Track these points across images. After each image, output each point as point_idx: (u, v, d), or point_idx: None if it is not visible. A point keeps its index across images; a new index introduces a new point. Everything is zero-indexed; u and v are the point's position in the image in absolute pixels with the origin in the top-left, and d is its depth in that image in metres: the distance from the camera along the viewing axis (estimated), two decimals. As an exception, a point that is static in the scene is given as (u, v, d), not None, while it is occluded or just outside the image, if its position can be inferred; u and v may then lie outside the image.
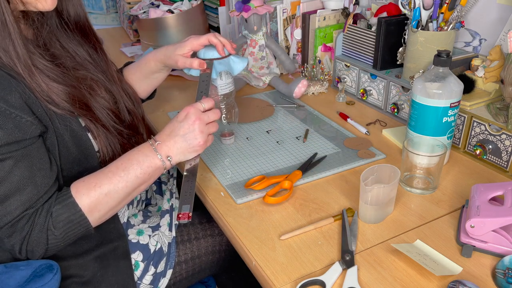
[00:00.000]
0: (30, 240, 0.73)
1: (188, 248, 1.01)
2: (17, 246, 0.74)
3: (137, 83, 1.08)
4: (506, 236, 0.73)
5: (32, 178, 0.73)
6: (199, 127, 0.81)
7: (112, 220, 0.87)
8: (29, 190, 0.73)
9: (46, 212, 0.74)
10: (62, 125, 0.78)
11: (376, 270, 0.73)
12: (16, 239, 0.73)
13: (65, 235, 0.76)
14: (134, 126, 0.95)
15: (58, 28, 0.87)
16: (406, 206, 0.88)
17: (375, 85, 1.25)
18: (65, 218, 0.75)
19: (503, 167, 0.96)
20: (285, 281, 0.71)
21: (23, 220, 0.73)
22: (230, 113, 1.09)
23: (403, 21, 1.19)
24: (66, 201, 0.75)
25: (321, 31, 1.45)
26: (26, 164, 0.73)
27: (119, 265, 0.89)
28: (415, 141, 0.93)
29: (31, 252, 0.75)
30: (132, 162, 0.79)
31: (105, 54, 0.96)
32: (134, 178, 0.79)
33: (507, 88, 0.95)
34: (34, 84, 0.74)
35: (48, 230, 0.74)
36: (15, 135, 0.70)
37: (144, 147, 0.82)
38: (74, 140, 0.80)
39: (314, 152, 1.06)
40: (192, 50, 1.01)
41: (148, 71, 1.07)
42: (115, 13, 2.28)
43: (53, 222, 0.74)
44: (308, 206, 0.89)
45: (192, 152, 0.83)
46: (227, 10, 1.66)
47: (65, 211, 0.75)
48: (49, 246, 0.75)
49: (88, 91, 0.84)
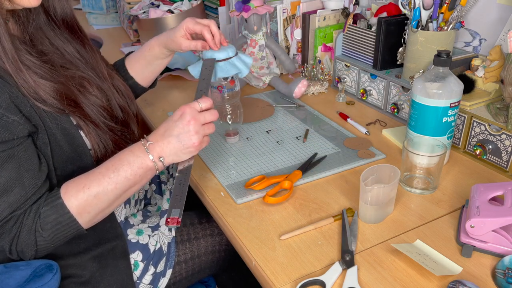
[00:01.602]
0: (19, 242, 0.73)
1: (187, 247, 1.01)
2: (6, 247, 0.74)
3: (141, 70, 1.09)
4: (506, 236, 0.73)
5: (20, 180, 0.72)
6: (194, 128, 0.78)
7: (108, 219, 0.87)
8: (16, 191, 0.71)
9: (34, 213, 0.73)
10: (53, 123, 0.77)
11: (376, 270, 0.73)
12: (5, 240, 0.73)
13: (54, 236, 0.74)
14: (127, 123, 0.94)
15: (46, 25, 0.86)
16: (406, 206, 0.88)
17: (375, 85, 1.25)
18: (53, 220, 0.74)
19: (503, 167, 0.96)
20: (285, 281, 0.71)
21: (11, 221, 0.72)
22: (235, 114, 1.09)
23: (403, 21, 1.19)
24: (54, 202, 0.74)
25: (321, 31, 1.45)
26: (13, 165, 0.71)
27: (117, 265, 0.89)
28: (415, 141, 0.93)
29: (21, 252, 0.74)
30: (123, 163, 0.77)
31: (94, 51, 0.95)
32: (124, 179, 0.77)
33: (507, 88, 0.95)
34: (21, 81, 0.73)
35: (36, 231, 0.73)
36: (1, 136, 0.69)
37: (136, 148, 0.79)
38: (66, 138, 0.79)
39: (314, 152, 1.06)
40: (187, 32, 1.01)
41: (153, 57, 1.07)
42: (115, 13, 2.28)
43: (41, 224, 0.73)
44: (308, 206, 0.89)
45: (186, 153, 0.79)
46: (227, 10, 1.66)
47: (53, 212, 0.74)
48: (38, 247, 0.74)
49: (77, 88, 0.83)
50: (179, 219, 0.74)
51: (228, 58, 1.00)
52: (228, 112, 1.08)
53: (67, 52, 0.88)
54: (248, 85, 1.47)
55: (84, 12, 2.30)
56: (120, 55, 1.83)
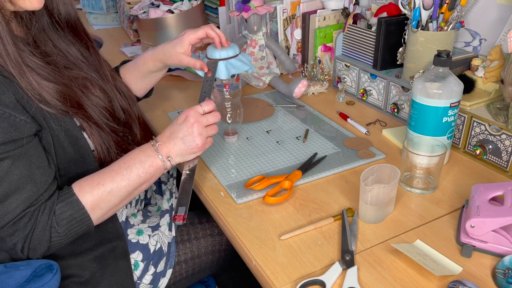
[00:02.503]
0: (33, 238, 0.74)
1: (188, 247, 1.01)
2: (19, 245, 0.74)
3: (135, 82, 1.08)
4: (506, 236, 0.73)
5: (31, 176, 0.73)
6: (197, 130, 0.83)
7: (110, 219, 0.87)
8: (28, 188, 0.73)
9: (49, 210, 0.75)
10: (56, 125, 0.78)
11: (376, 270, 0.73)
12: (19, 237, 0.73)
13: (68, 232, 0.76)
14: (129, 124, 0.95)
15: (50, 27, 0.87)
16: (406, 206, 0.88)
17: (375, 85, 1.25)
18: (68, 216, 0.75)
19: (503, 167, 0.96)
20: (285, 281, 0.71)
21: (25, 218, 0.73)
22: (235, 113, 1.09)
23: (403, 21, 1.19)
24: (69, 199, 0.76)
25: (321, 31, 1.45)
26: (24, 162, 0.73)
27: (118, 265, 0.89)
28: (415, 141, 0.93)
29: (33, 250, 0.75)
30: (135, 161, 0.81)
31: (97, 53, 0.95)
32: (136, 177, 0.80)
33: (507, 88, 0.95)
34: (25, 83, 0.74)
35: (51, 227, 0.74)
36: (11, 134, 0.71)
37: (146, 147, 0.84)
38: (69, 139, 0.80)
39: (314, 152, 1.06)
40: (191, 44, 1.01)
41: (146, 71, 1.07)
42: (115, 13, 2.28)
43: (57, 220, 0.75)
44: (308, 206, 0.89)
45: (191, 153, 0.85)
46: (227, 10, 1.66)
47: (68, 208, 0.76)
48: (52, 243, 0.75)
49: (81, 89, 0.84)
50: (185, 216, 0.80)
51: (235, 56, 1.01)
52: (228, 112, 1.08)
53: (70, 54, 0.89)
54: (248, 85, 1.47)
55: (84, 12, 2.30)
56: (120, 55, 1.84)
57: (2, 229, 0.73)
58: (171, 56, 1.01)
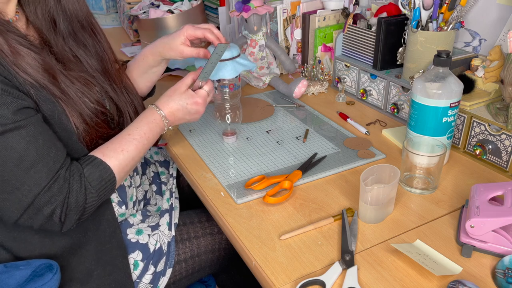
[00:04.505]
0: (70, 201, 0.75)
1: (187, 247, 1.01)
2: (58, 210, 0.74)
3: (137, 80, 1.08)
4: (506, 236, 0.73)
5: (53, 141, 0.76)
6: (202, 110, 0.97)
7: (107, 219, 0.88)
8: (54, 152, 0.75)
9: (79, 174, 0.77)
10: (44, 107, 0.78)
11: (376, 270, 0.73)
12: (57, 202, 0.74)
13: (99, 193, 0.79)
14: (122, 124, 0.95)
15: (69, 36, 0.91)
16: (406, 206, 0.88)
17: (375, 85, 1.25)
18: (98, 177, 0.79)
19: (503, 167, 0.96)
20: (285, 281, 0.71)
21: (59, 181, 0.74)
22: (234, 113, 1.09)
23: (403, 21, 1.19)
24: (94, 162, 0.80)
25: (321, 31, 1.45)
26: (44, 128, 0.75)
27: (116, 264, 0.89)
28: (415, 141, 0.93)
29: (70, 215, 0.76)
30: (154, 134, 0.90)
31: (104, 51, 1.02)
32: (148, 145, 0.89)
33: (507, 88, 0.95)
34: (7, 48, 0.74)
35: (86, 189, 0.77)
36: (20, 103, 0.72)
37: (159, 120, 0.91)
38: (52, 117, 0.79)
39: (314, 152, 1.06)
40: (187, 39, 1.00)
41: (146, 66, 1.06)
42: (115, 13, 2.28)
43: (88, 180, 0.78)
44: (308, 206, 0.89)
45: (192, 116, 0.96)
46: (227, 10, 1.66)
47: (96, 170, 0.79)
48: (87, 205, 0.77)
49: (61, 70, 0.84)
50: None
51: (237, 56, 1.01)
52: (227, 112, 1.08)
53: (89, 64, 0.94)
54: (248, 85, 1.47)
55: (84, 12, 2.30)
56: (120, 55, 1.84)
57: (38, 196, 0.73)
58: (172, 48, 1.00)
